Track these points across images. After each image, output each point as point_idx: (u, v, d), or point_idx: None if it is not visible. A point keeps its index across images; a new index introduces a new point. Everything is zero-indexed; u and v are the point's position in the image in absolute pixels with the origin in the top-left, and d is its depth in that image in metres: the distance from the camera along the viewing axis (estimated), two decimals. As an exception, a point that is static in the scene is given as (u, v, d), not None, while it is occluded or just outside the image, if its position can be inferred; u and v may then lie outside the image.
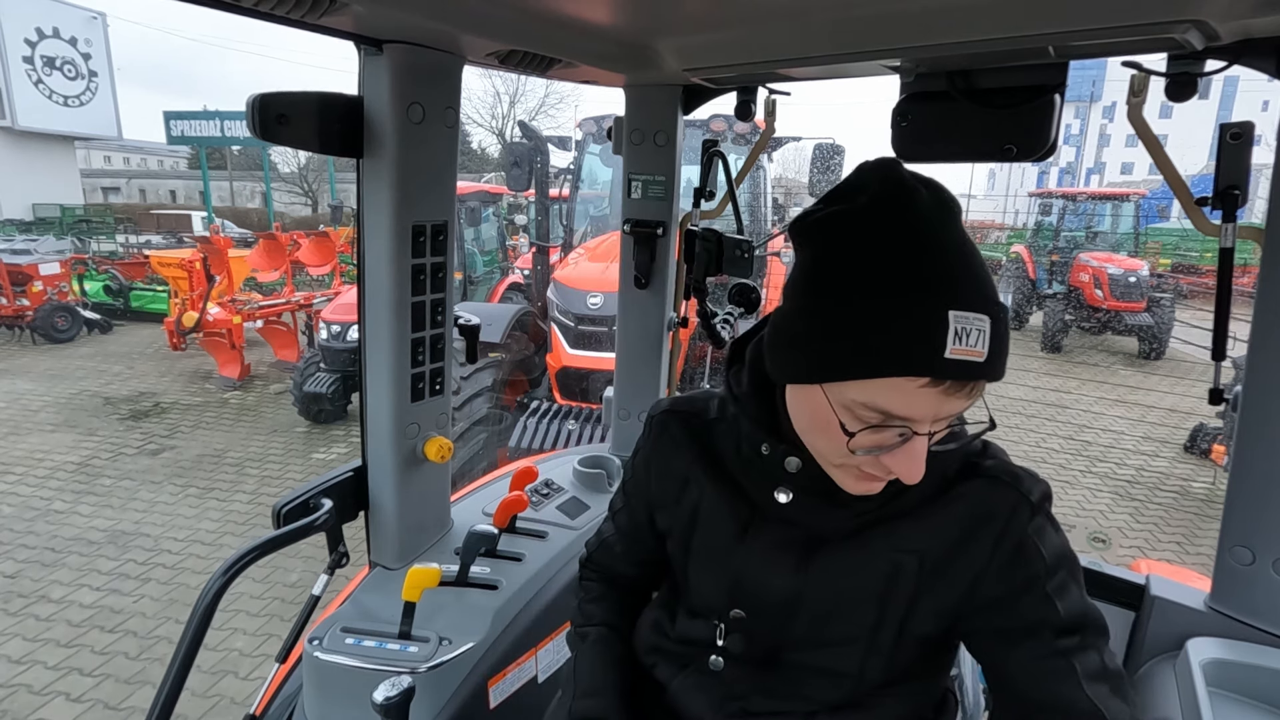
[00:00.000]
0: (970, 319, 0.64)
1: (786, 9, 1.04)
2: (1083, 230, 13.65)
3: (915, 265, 0.65)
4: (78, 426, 6.98)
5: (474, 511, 1.66)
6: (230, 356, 8.39)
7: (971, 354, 0.64)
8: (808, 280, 0.72)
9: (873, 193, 0.69)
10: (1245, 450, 1.19)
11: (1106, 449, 7.04)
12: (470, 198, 7.73)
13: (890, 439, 0.69)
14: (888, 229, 0.67)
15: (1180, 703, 1.13)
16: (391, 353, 1.33)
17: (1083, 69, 32.47)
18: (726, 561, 0.88)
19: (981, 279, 0.67)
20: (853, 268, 0.68)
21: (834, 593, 0.82)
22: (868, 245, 0.67)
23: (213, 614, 1.09)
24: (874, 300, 0.65)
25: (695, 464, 0.92)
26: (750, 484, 0.88)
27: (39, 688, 3.25)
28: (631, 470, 1.04)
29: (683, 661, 0.97)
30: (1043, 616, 0.75)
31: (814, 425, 0.74)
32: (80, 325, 10.94)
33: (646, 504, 1.01)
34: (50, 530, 4.81)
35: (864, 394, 0.67)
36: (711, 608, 0.91)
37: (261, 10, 0.92)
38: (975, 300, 0.65)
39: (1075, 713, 0.72)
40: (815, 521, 0.83)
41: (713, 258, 1.66)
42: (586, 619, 1.06)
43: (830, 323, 0.68)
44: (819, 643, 0.85)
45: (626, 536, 1.07)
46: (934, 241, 0.67)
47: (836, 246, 0.70)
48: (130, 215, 24.35)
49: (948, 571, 0.78)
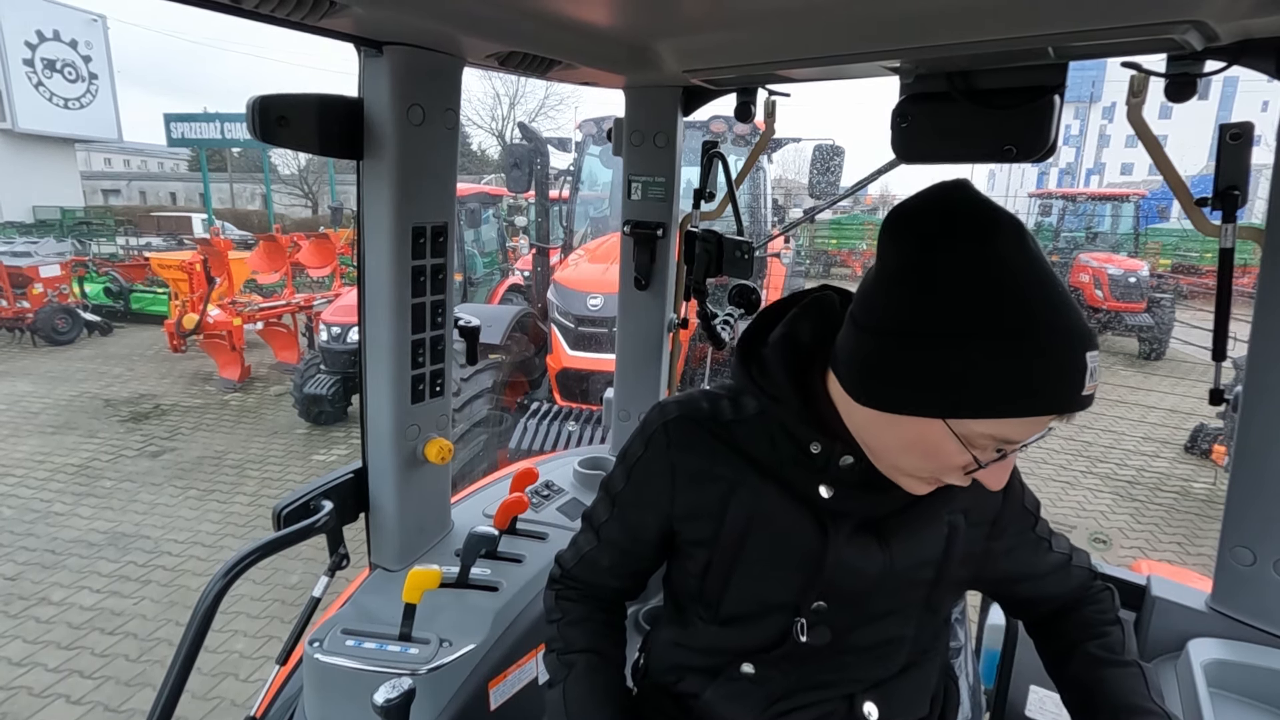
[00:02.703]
0: (1095, 358, 0.69)
1: (786, 10, 1.04)
2: (1083, 231, 13.67)
3: (1054, 310, 0.67)
4: (78, 428, 6.98)
5: (474, 513, 1.66)
6: (230, 358, 8.39)
7: (1094, 388, 0.69)
8: (933, 314, 0.69)
9: (978, 224, 0.70)
10: (1246, 451, 1.19)
11: (1107, 449, 7.04)
12: (470, 199, 7.73)
13: (990, 457, 0.74)
14: (1018, 270, 0.68)
15: (1181, 703, 1.13)
16: (392, 354, 1.33)
17: (1082, 69, 32.48)
18: (807, 557, 0.87)
19: (1081, 312, 0.71)
20: (996, 310, 0.67)
21: (907, 561, 0.87)
22: (1006, 287, 0.67)
23: (213, 616, 1.09)
24: (1025, 343, 0.66)
25: (734, 466, 0.89)
26: (794, 479, 0.87)
27: (39, 690, 3.25)
28: (627, 479, 0.96)
29: (712, 672, 0.95)
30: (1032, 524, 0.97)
31: (912, 448, 0.76)
32: (80, 327, 10.94)
33: (660, 515, 0.94)
34: (50, 532, 4.81)
35: (996, 428, 0.70)
36: (776, 605, 0.90)
37: (262, 13, 0.92)
38: (1094, 338, 0.69)
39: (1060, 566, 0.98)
40: (867, 507, 0.86)
41: (713, 259, 1.66)
42: (569, 644, 0.99)
43: (976, 366, 0.67)
44: (887, 613, 0.90)
45: (618, 550, 1.00)
46: (1056, 283, 0.69)
47: (972, 286, 0.68)
48: (130, 217, 24.34)
49: (984, 522, 0.91)
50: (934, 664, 0.99)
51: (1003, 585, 1.01)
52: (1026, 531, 0.97)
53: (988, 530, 0.93)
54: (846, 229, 22.60)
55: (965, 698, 1.23)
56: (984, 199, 0.72)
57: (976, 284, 0.68)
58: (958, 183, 0.74)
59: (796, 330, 0.86)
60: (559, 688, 0.96)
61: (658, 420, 0.94)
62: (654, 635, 1.07)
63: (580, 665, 0.96)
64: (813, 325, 0.86)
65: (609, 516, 1.00)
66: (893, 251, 0.74)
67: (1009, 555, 0.96)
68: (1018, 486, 0.96)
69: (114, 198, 35.99)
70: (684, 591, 0.98)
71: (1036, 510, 0.98)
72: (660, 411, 0.95)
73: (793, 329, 0.86)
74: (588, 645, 0.98)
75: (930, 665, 0.98)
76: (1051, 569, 0.98)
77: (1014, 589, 1.01)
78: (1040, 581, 0.99)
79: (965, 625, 1.59)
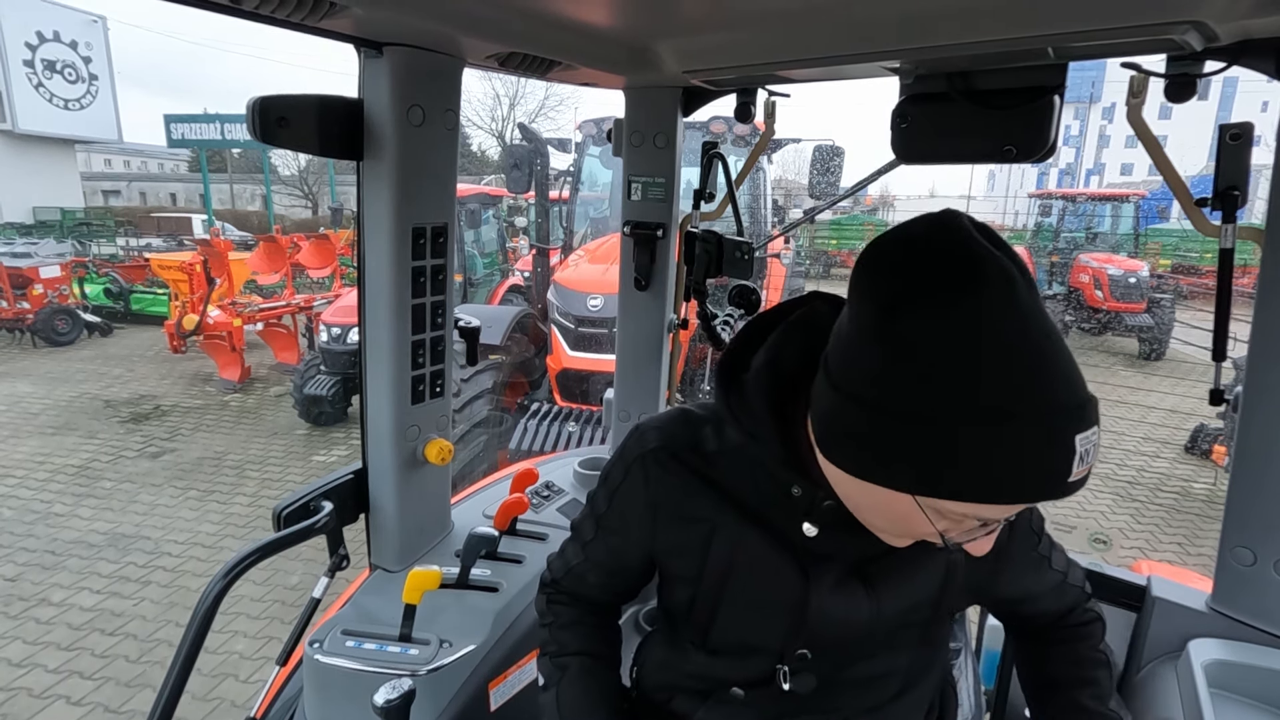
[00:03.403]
0: (1090, 438, 0.60)
1: (786, 11, 1.04)
2: (1082, 231, 13.65)
3: (1042, 383, 0.58)
4: (78, 429, 6.98)
5: (474, 514, 1.66)
6: (230, 359, 8.39)
7: (1085, 471, 0.60)
8: (900, 389, 0.61)
9: (964, 281, 0.60)
10: (1246, 451, 1.19)
11: (1107, 450, 7.03)
12: (470, 200, 7.73)
13: (974, 531, 0.68)
14: (1002, 337, 0.59)
15: (1182, 704, 1.13)
16: (392, 355, 1.32)
17: (1082, 70, 32.51)
18: (789, 605, 0.83)
19: (1081, 378, 0.61)
20: (972, 388, 0.58)
21: (899, 605, 0.83)
22: (985, 360, 0.59)
23: (213, 617, 1.09)
24: (1004, 429, 0.58)
25: (715, 506, 0.85)
26: (776, 518, 0.83)
27: (39, 691, 3.25)
28: (609, 504, 0.93)
29: (703, 693, 0.93)
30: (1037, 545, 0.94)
31: (882, 512, 0.70)
32: (80, 328, 10.94)
33: (642, 548, 0.93)
34: (50, 533, 4.81)
35: (971, 510, 0.63)
36: (758, 648, 0.87)
37: (261, 14, 0.92)
38: (1091, 413, 0.60)
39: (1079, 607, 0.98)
40: (851, 549, 0.81)
41: (713, 259, 1.66)
42: (562, 647, 0.97)
43: (946, 452, 0.60)
44: (878, 652, 0.86)
45: (603, 570, 0.99)
46: (1049, 347, 0.59)
47: (944, 359, 0.59)
48: (130, 218, 24.36)
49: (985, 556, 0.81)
50: (931, 680, 0.97)
51: (1000, 604, 1.00)
52: (1030, 552, 0.94)
53: (992, 565, 0.87)
54: (846, 229, 22.62)
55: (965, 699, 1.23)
56: (971, 242, 0.61)
57: (949, 357, 0.59)
58: (942, 219, 0.64)
59: (780, 357, 0.79)
60: (552, 691, 0.95)
61: (636, 450, 0.90)
62: (647, 652, 1.05)
63: (574, 668, 0.96)
64: (798, 350, 0.78)
65: (594, 536, 0.97)
66: (862, 305, 0.65)
67: (1013, 581, 0.94)
68: (1025, 511, 0.90)
69: (114, 198, 36.01)
70: (675, 612, 0.96)
71: (1041, 529, 0.95)
72: (639, 441, 0.90)
73: (776, 355, 0.79)
74: (581, 648, 0.98)
75: (927, 683, 0.96)
76: (1049, 588, 0.96)
77: (1011, 607, 1.00)
78: (1036, 601, 0.97)
79: (965, 625, 1.59)
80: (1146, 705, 1.21)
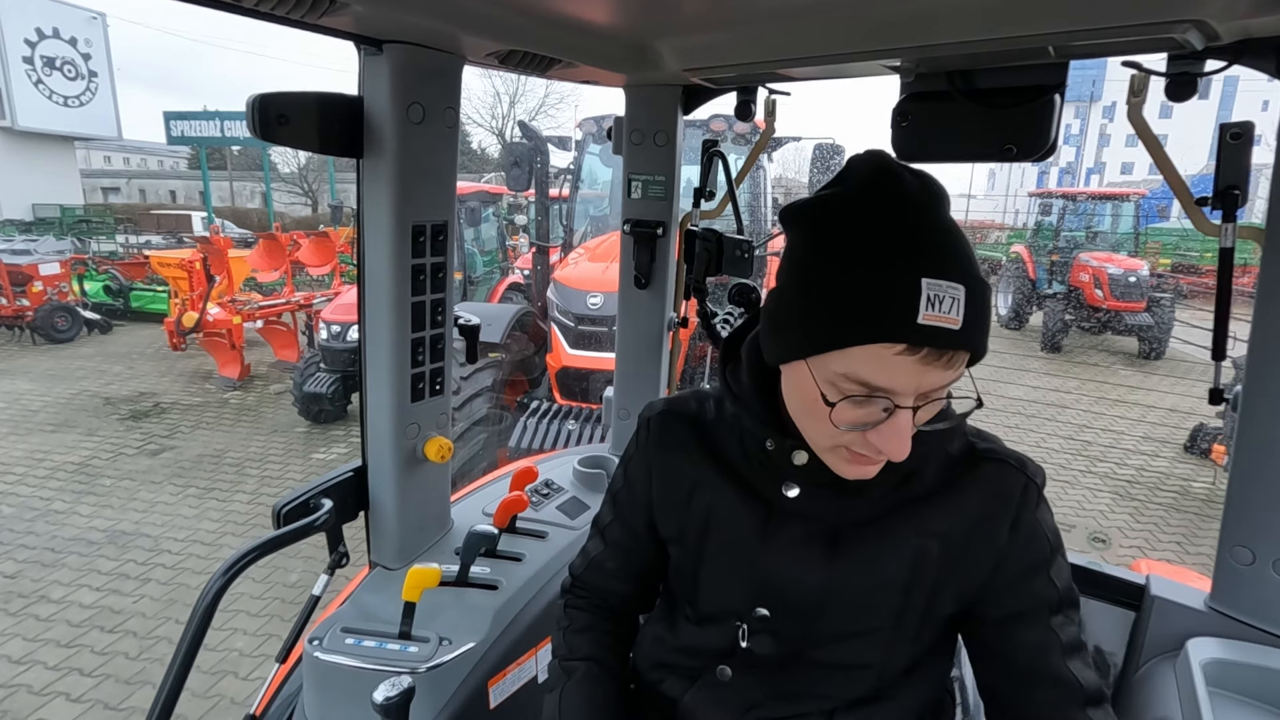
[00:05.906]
0: (944, 287, 0.65)
1: (786, 9, 1.04)
2: (1083, 230, 13.66)
3: (893, 238, 0.67)
4: (78, 426, 6.98)
5: (474, 511, 1.66)
6: (230, 357, 8.39)
7: (945, 320, 0.65)
8: (792, 262, 0.74)
9: (860, 178, 0.72)
10: (1245, 450, 1.19)
11: (1106, 449, 7.04)
12: (470, 198, 7.73)
13: (875, 415, 0.70)
14: (870, 208, 0.69)
15: (1180, 703, 1.13)
16: (391, 353, 1.33)
17: (1083, 69, 32.48)
18: (749, 561, 0.86)
19: (961, 253, 0.68)
20: (834, 245, 0.69)
21: (862, 582, 0.82)
22: (850, 224, 0.69)
23: (213, 614, 1.09)
24: (852, 272, 0.67)
25: (704, 465, 0.91)
26: (760, 482, 0.87)
27: (39, 688, 3.25)
28: (624, 477, 1.01)
29: (692, 674, 0.94)
30: (1046, 596, 0.80)
31: (804, 407, 0.76)
32: (80, 325, 10.94)
33: (646, 510, 0.98)
34: (50, 530, 4.82)
35: (845, 365, 0.69)
36: (730, 610, 0.89)
37: (261, 10, 0.92)
38: (950, 269, 0.66)
39: (1061, 684, 0.78)
40: (832, 513, 0.84)
41: (713, 258, 1.65)
42: (571, 651, 1.00)
43: (811, 297, 0.70)
44: (844, 635, 0.85)
45: (621, 550, 1.03)
46: (914, 218, 0.68)
47: (820, 227, 0.72)
48: (130, 215, 24.36)
49: (969, 553, 0.80)
50: (918, 691, 0.89)
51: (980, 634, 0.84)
52: (1040, 611, 0.79)
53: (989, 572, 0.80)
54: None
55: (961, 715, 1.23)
56: (877, 159, 0.73)
57: (825, 226, 0.71)
58: (861, 153, 0.75)
59: None
60: (555, 693, 0.97)
61: (645, 415, 0.99)
62: (645, 630, 1.07)
63: (579, 673, 0.97)
64: None
65: (612, 518, 1.04)
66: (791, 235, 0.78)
67: (1009, 636, 0.80)
68: (1045, 546, 0.80)
69: (114, 196, 35.98)
70: (670, 584, 1.01)
71: (1064, 596, 0.80)
72: (648, 408, 0.99)
73: None
74: (589, 654, 1.00)
75: (914, 692, 0.89)
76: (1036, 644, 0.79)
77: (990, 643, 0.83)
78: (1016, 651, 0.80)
79: None
80: (1145, 704, 1.21)
